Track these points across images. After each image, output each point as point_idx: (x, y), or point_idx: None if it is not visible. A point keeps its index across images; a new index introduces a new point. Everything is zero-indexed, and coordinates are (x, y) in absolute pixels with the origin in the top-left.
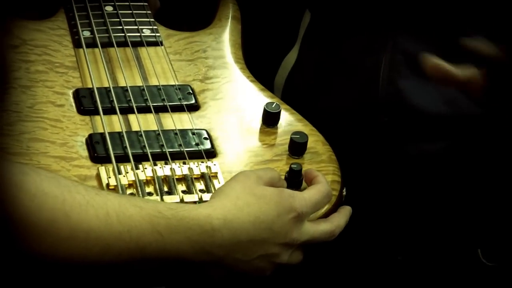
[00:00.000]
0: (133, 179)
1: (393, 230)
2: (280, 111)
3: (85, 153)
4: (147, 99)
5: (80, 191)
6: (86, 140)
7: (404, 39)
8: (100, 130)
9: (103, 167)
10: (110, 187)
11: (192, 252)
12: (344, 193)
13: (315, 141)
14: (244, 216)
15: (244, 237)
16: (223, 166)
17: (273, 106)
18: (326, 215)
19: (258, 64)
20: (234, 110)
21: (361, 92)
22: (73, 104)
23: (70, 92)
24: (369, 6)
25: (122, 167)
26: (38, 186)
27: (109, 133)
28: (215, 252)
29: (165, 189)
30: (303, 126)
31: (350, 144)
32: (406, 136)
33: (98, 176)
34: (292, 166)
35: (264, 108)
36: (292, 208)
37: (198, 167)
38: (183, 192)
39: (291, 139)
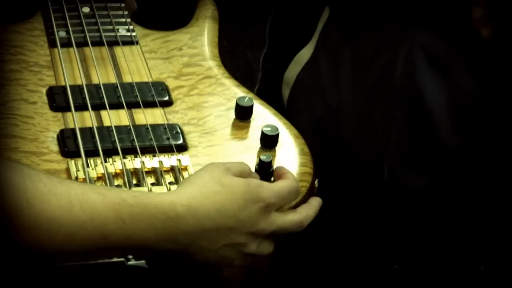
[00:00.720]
0: (102, 172)
1: (391, 239)
2: (252, 105)
3: (56, 148)
4: (119, 95)
5: (42, 180)
6: (58, 135)
7: (423, 35)
8: (72, 126)
9: (72, 161)
10: (79, 180)
11: (156, 240)
12: (317, 185)
13: (287, 134)
14: (210, 204)
15: (209, 224)
16: (194, 160)
17: (245, 100)
18: (296, 206)
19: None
20: (208, 106)
21: (376, 86)
22: (46, 101)
23: (44, 90)
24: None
25: (92, 161)
26: (0, 176)
27: (80, 128)
28: (180, 239)
29: (134, 181)
30: (276, 120)
31: (358, 139)
32: (417, 132)
33: (67, 170)
34: (261, 157)
35: (237, 102)
36: (259, 197)
37: (168, 160)
38: (152, 184)
39: (262, 132)
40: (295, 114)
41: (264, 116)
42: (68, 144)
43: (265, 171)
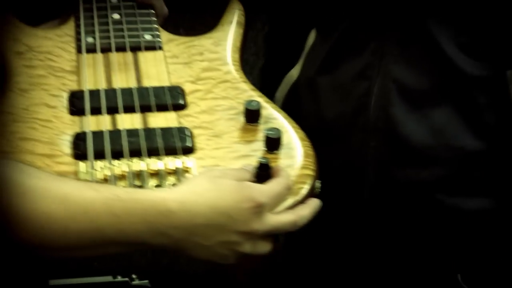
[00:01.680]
0: (108, 174)
1: (372, 253)
2: (259, 108)
3: (69, 151)
4: (134, 99)
5: (39, 176)
6: (72, 138)
7: (396, 68)
8: (85, 129)
9: (83, 163)
10: None
11: (149, 234)
12: (318, 188)
13: (291, 137)
14: (202, 200)
15: (201, 220)
16: (199, 162)
17: (252, 103)
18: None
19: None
20: (220, 109)
21: (352, 115)
22: (66, 106)
23: (65, 95)
24: (368, 30)
25: (100, 163)
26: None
27: (92, 131)
28: (172, 233)
29: (137, 183)
30: (285, 122)
31: (335, 165)
32: (392, 161)
33: (76, 173)
34: (260, 159)
35: (245, 105)
36: (250, 197)
37: (173, 162)
38: (156, 186)
39: (265, 135)
40: None
41: (272, 120)
42: (79, 147)
43: (263, 172)
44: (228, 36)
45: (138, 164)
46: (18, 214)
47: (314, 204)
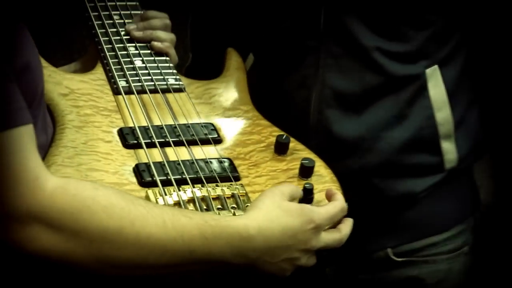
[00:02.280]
0: (177, 199)
1: None
2: (289, 141)
3: (134, 179)
4: (179, 134)
5: (141, 204)
6: (133, 168)
7: (332, 77)
8: (144, 161)
9: (150, 190)
10: None
11: (232, 255)
12: (347, 207)
13: (319, 166)
14: (275, 226)
15: (274, 243)
16: (248, 188)
17: (283, 137)
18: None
19: None
20: (251, 143)
21: (296, 119)
22: (119, 140)
23: (115, 131)
24: (301, 48)
25: (166, 190)
26: (108, 199)
27: (152, 162)
28: (250, 255)
29: (204, 207)
30: (308, 154)
31: None
32: (331, 155)
33: (147, 198)
34: (305, 185)
35: (277, 139)
36: (312, 220)
37: (229, 188)
38: (218, 209)
39: (301, 164)
40: None
41: (298, 151)
42: (144, 176)
43: (308, 196)
44: (237, 81)
45: (200, 191)
46: (126, 235)
47: (351, 222)
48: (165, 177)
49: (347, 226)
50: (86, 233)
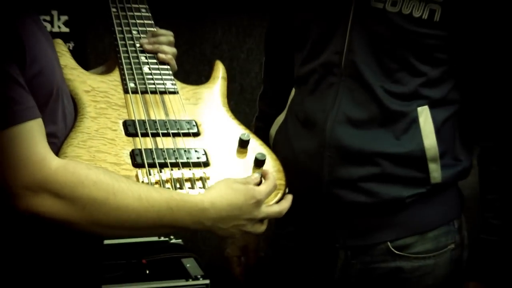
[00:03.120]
0: (158, 179)
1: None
2: (249, 139)
3: (129, 161)
4: (168, 127)
5: (123, 181)
6: (130, 153)
7: (346, 105)
8: (138, 147)
9: (140, 170)
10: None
11: (191, 222)
12: (287, 191)
13: (270, 159)
14: (224, 201)
15: (223, 213)
16: (213, 172)
17: (245, 135)
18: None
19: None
20: (222, 137)
21: (316, 134)
22: (122, 130)
23: (121, 122)
24: (329, 82)
25: (152, 171)
26: (97, 176)
27: (144, 149)
28: (205, 223)
29: (178, 186)
30: (263, 149)
31: (302, 171)
32: (340, 164)
33: (137, 176)
34: (256, 155)
35: (240, 137)
36: (253, 196)
37: (198, 172)
38: (189, 188)
39: (255, 157)
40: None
41: (256, 146)
42: (137, 159)
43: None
44: (219, 87)
45: (176, 172)
46: (109, 205)
47: (290, 198)
48: (152, 161)
49: (286, 201)
50: (80, 201)
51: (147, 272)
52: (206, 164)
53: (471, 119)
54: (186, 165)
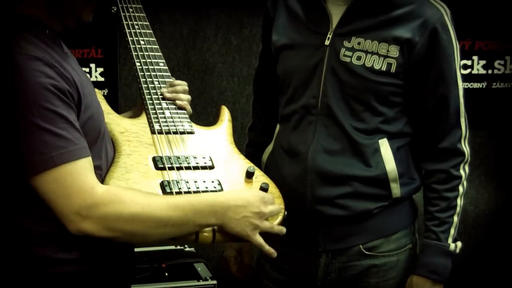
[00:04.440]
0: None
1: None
2: (254, 171)
3: (159, 190)
4: (189, 162)
5: (153, 195)
6: (160, 183)
7: (322, 138)
8: (166, 178)
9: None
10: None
11: (208, 213)
12: (286, 214)
13: (271, 187)
14: (235, 194)
15: (232, 203)
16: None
17: (251, 169)
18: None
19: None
20: (233, 171)
21: (299, 162)
22: (152, 164)
23: (150, 158)
24: (306, 121)
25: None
26: (133, 194)
27: (171, 180)
28: (219, 210)
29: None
30: (266, 179)
31: (290, 192)
32: (320, 185)
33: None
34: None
35: (247, 169)
36: (258, 194)
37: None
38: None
39: (260, 186)
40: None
41: (259, 177)
42: (166, 189)
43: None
44: (226, 129)
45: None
46: (146, 215)
47: (284, 230)
48: (178, 190)
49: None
50: (123, 216)
51: (166, 274)
52: (220, 192)
53: (419, 148)
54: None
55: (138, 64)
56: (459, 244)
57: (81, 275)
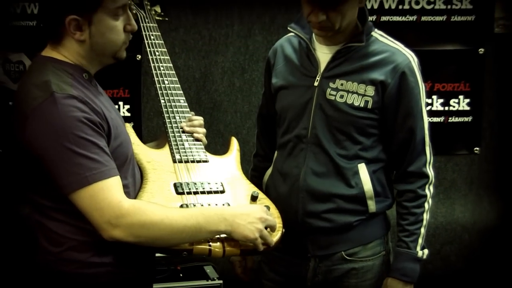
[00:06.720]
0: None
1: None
2: (258, 195)
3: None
4: (204, 187)
5: (171, 208)
6: (179, 206)
7: (312, 162)
8: (185, 202)
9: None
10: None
11: (217, 219)
12: (284, 231)
13: (272, 208)
14: (240, 207)
15: (238, 210)
16: None
17: (255, 193)
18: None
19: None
20: (241, 195)
21: (292, 183)
22: (174, 190)
23: (172, 184)
24: (298, 148)
25: None
26: (154, 207)
27: (189, 203)
28: (228, 218)
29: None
30: (267, 201)
31: (285, 206)
32: (309, 202)
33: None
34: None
35: (251, 193)
36: (260, 206)
37: None
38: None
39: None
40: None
41: (263, 200)
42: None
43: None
44: (235, 157)
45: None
46: (165, 224)
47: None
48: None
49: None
50: (146, 224)
51: (181, 275)
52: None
53: (392, 171)
54: None
55: (162, 101)
56: (426, 251)
57: (111, 276)
